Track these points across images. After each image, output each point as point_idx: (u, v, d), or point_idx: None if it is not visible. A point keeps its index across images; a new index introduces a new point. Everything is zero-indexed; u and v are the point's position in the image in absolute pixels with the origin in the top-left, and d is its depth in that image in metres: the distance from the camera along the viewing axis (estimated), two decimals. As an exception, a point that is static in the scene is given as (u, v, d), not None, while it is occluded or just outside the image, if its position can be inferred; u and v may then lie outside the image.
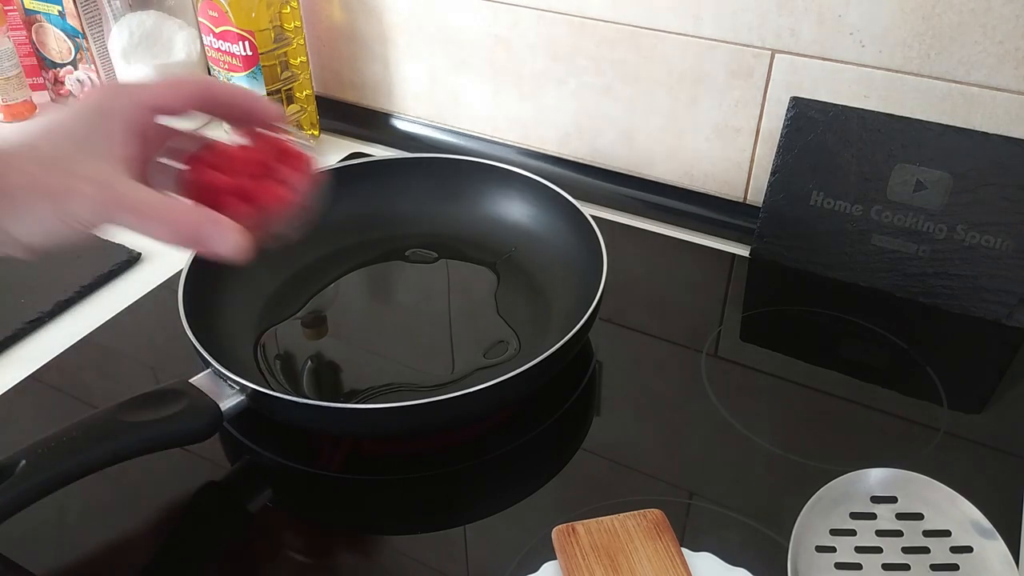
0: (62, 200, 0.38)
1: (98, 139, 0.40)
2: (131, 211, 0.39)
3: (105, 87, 0.42)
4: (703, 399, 0.57)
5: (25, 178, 0.38)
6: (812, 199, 0.66)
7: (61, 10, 0.87)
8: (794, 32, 0.65)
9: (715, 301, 0.67)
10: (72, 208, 0.38)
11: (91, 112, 0.41)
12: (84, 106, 0.41)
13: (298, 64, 0.82)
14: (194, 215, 0.41)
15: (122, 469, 0.45)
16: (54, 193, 0.38)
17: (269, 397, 0.49)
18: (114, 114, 0.41)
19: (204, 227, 0.40)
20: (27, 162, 0.39)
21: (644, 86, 0.74)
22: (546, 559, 0.45)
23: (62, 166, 0.39)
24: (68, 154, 0.39)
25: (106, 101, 0.41)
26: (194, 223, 0.40)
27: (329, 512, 0.50)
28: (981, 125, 0.62)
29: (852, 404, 0.57)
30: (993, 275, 0.62)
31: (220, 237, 0.40)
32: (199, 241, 0.40)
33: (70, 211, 0.38)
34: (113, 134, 0.40)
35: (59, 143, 0.40)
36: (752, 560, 0.44)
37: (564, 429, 0.55)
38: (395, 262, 0.68)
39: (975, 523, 0.45)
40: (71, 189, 0.38)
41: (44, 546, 0.47)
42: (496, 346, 0.60)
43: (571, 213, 0.64)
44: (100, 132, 0.40)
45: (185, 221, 0.40)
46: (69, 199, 0.38)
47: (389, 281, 0.68)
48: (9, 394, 0.57)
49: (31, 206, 0.38)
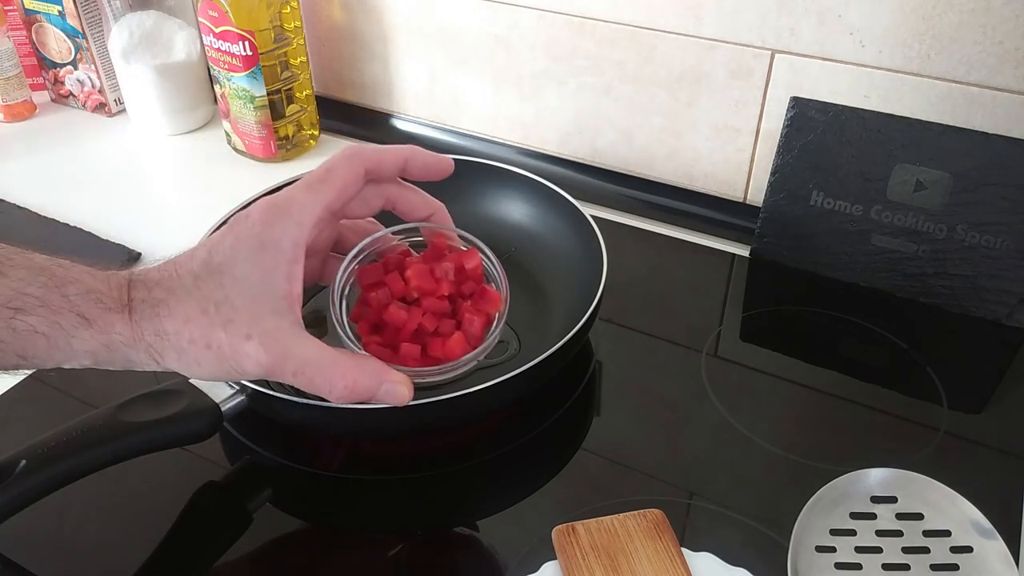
0: (230, 360, 0.38)
1: (261, 279, 0.38)
2: (300, 375, 0.39)
3: (269, 210, 0.39)
4: (703, 399, 0.57)
5: (192, 329, 0.38)
6: (812, 199, 0.66)
7: (61, 10, 0.87)
8: (794, 32, 0.65)
9: (715, 301, 0.67)
10: (241, 368, 0.38)
11: (252, 247, 0.39)
12: (243, 237, 0.39)
13: (298, 64, 0.82)
14: (365, 377, 0.39)
15: (122, 469, 0.45)
16: (223, 353, 0.38)
17: (269, 397, 0.49)
18: (275, 248, 0.39)
19: (377, 388, 0.40)
20: (192, 307, 0.38)
21: (644, 86, 0.74)
22: (546, 559, 0.45)
23: (229, 318, 0.38)
24: (233, 299, 0.38)
25: (266, 233, 0.39)
26: (366, 388, 0.39)
27: (329, 512, 0.50)
28: (981, 125, 0.62)
29: (852, 404, 0.57)
30: (993, 275, 0.62)
31: (389, 396, 0.40)
32: (373, 400, 0.40)
33: (238, 370, 0.38)
34: (277, 271, 0.39)
35: (223, 284, 0.38)
36: (752, 560, 0.44)
37: (564, 429, 0.55)
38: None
39: (975, 523, 0.45)
40: (239, 352, 0.38)
41: (44, 546, 0.47)
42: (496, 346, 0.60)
43: (571, 213, 0.64)
44: (268, 270, 0.39)
45: (355, 386, 0.39)
46: (238, 360, 0.38)
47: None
48: (9, 394, 0.57)
49: (199, 360, 0.38)
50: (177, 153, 0.89)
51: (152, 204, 0.81)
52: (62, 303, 0.37)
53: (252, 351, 0.38)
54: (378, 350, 0.43)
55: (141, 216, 0.77)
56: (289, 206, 0.40)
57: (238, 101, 0.81)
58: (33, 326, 0.37)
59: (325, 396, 0.39)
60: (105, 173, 0.85)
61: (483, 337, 0.45)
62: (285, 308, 0.39)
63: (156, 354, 0.39)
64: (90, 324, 0.38)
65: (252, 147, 0.84)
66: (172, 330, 0.38)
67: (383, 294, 0.44)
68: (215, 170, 0.85)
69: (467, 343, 0.44)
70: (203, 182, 0.84)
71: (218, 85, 0.83)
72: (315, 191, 0.40)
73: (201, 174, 0.86)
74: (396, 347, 0.44)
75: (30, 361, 0.38)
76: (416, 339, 0.44)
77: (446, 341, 0.44)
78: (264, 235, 0.39)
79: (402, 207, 0.45)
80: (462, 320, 0.44)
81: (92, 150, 0.89)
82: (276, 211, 0.39)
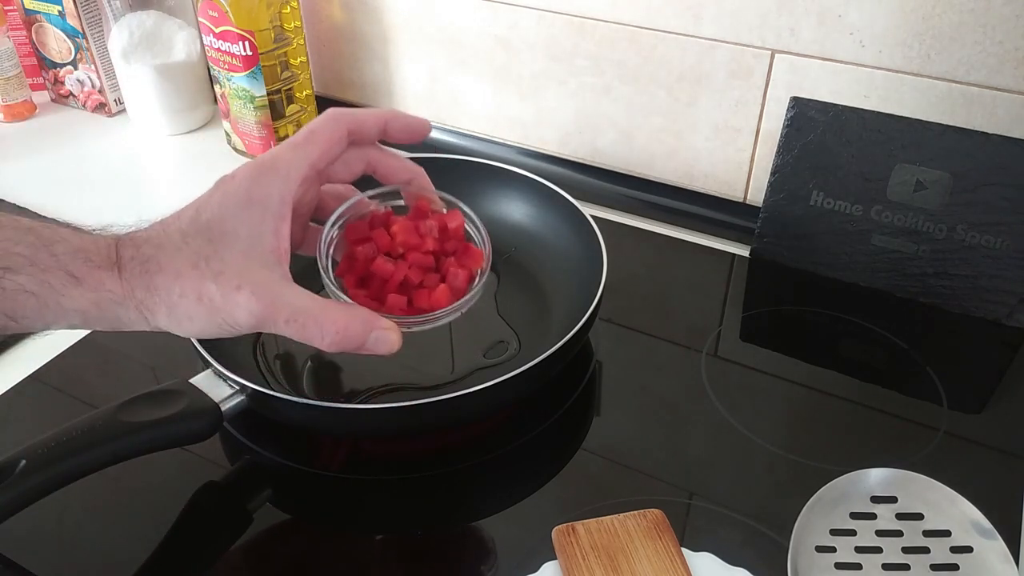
0: (221, 311, 0.38)
1: (254, 233, 0.39)
2: (291, 322, 0.39)
3: (255, 170, 0.40)
4: (703, 399, 0.57)
5: (183, 283, 0.38)
6: (812, 199, 0.66)
7: (61, 10, 0.87)
8: (794, 32, 0.65)
9: (715, 301, 0.67)
10: (232, 319, 0.38)
11: (243, 203, 0.40)
12: (230, 193, 0.40)
13: (298, 64, 0.82)
14: (356, 323, 0.40)
15: (122, 469, 0.45)
16: (214, 304, 0.38)
17: (269, 397, 0.49)
18: (268, 203, 0.40)
19: (367, 335, 0.40)
20: (182, 262, 0.38)
21: (644, 86, 0.74)
22: (546, 559, 0.45)
23: (219, 271, 0.38)
24: (222, 254, 0.38)
25: (254, 188, 0.40)
26: (356, 334, 0.40)
27: (329, 512, 0.50)
28: (981, 125, 0.62)
29: (852, 404, 0.57)
30: (993, 275, 0.62)
31: (379, 344, 0.40)
32: (362, 347, 0.40)
33: (229, 321, 0.38)
34: (269, 225, 0.39)
35: (215, 239, 0.39)
36: (752, 560, 0.44)
37: (564, 429, 0.55)
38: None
39: (975, 523, 0.45)
40: (230, 301, 0.38)
41: (44, 546, 0.47)
42: (496, 346, 0.60)
43: (571, 213, 0.64)
44: (256, 225, 0.39)
45: (346, 332, 0.39)
46: (229, 311, 0.38)
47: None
48: (9, 394, 0.57)
49: (189, 314, 0.38)
50: (177, 153, 0.89)
51: (152, 204, 0.80)
52: (51, 261, 0.37)
53: (243, 300, 0.38)
54: (366, 302, 0.44)
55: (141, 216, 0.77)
56: (275, 163, 0.41)
57: (238, 101, 0.81)
58: (22, 285, 0.37)
59: (316, 343, 0.39)
60: (105, 173, 0.85)
61: (467, 290, 0.45)
62: (274, 262, 0.39)
63: (146, 311, 0.39)
64: (79, 282, 0.37)
65: (252, 147, 0.84)
66: (162, 285, 0.38)
67: (369, 248, 0.45)
68: (215, 170, 0.83)
69: (452, 295, 0.45)
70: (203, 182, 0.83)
71: (218, 85, 0.83)
72: (300, 149, 0.41)
73: (201, 174, 0.85)
74: (383, 299, 0.44)
75: (20, 323, 0.38)
76: (402, 291, 0.45)
77: (432, 293, 0.44)
78: (251, 191, 0.40)
79: (383, 170, 0.46)
80: (446, 274, 0.45)
81: (92, 150, 0.89)
82: (262, 168, 0.40)
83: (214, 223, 0.39)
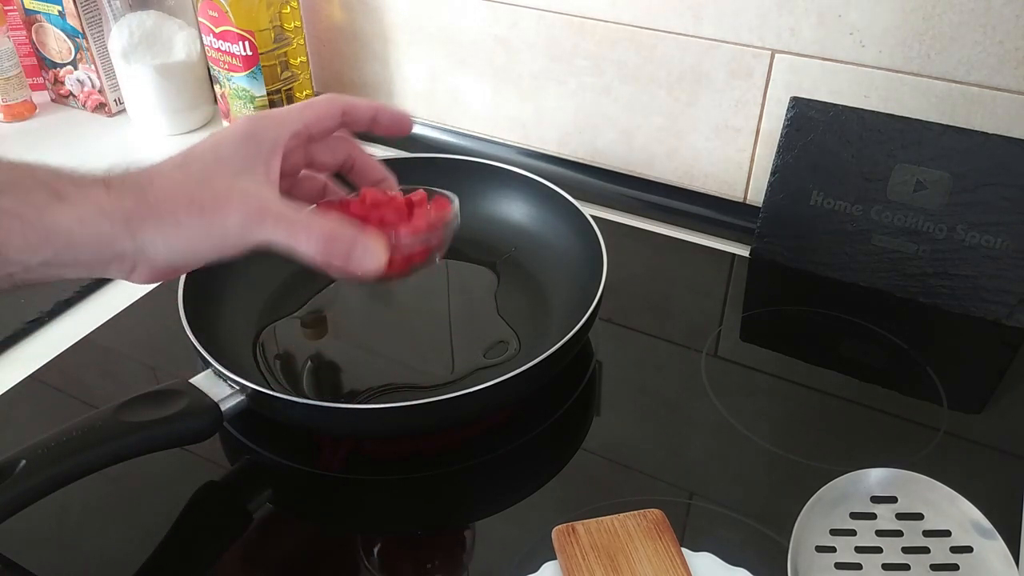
0: (212, 213, 0.38)
1: (247, 162, 0.41)
2: (282, 224, 0.39)
3: (252, 116, 0.43)
4: (703, 399, 0.57)
5: (175, 191, 0.38)
6: (812, 199, 0.66)
7: (61, 10, 0.87)
8: (794, 32, 0.65)
9: (715, 301, 0.67)
10: (222, 221, 0.38)
11: (240, 136, 0.41)
12: (232, 131, 0.42)
13: (298, 64, 0.82)
14: (344, 232, 0.41)
15: (122, 469, 0.45)
16: (204, 207, 0.38)
17: (269, 397, 0.49)
18: (262, 138, 0.41)
19: (354, 241, 0.40)
20: (177, 180, 0.39)
21: (644, 86, 0.74)
22: (546, 559, 0.45)
23: (214, 183, 0.39)
24: (218, 173, 0.40)
25: (254, 127, 0.42)
26: (344, 242, 0.40)
27: (329, 512, 0.50)
28: (981, 125, 0.62)
29: (852, 404, 0.57)
30: (993, 275, 0.62)
31: (369, 253, 0.41)
32: (349, 256, 0.40)
33: (219, 224, 0.38)
34: (262, 157, 0.41)
35: (209, 164, 0.40)
36: (752, 560, 0.44)
37: (564, 429, 0.55)
38: (395, 262, 0.68)
39: (975, 523, 0.45)
40: (222, 203, 0.38)
41: (44, 546, 0.47)
42: (496, 346, 0.60)
43: (571, 213, 0.64)
44: (249, 155, 0.41)
45: (334, 237, 0.40)
46: (219, 212, 0.38)
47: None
48: (9, 394, 0.57)
49: (178, 219, 0.38)
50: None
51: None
52: (33, 183, 0.37)
53: (234, 203, 0.39)
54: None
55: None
56: (272, 113, 0.43)
57: (238, 101, 0.81)
58: (5, 208, 0.36)
59: (303, 248, 0.39)
60: (105, 173, 0.85)
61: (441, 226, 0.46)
62: (265, 182, 0.41)
63: (134, 223, 0.38)
64: (64, 199, 0.37)
65: (252, 147, 0.84)
66: (152, 192, 0.38)
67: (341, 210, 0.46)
68: (215, 170, 0.85)
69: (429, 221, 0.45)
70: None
71: (218, 85, 0.83)
72: (296, 111, 0.44)
73: (201, 174, 0.85)
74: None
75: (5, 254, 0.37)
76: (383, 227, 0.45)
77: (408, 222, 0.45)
78: (246, 130, 0.42)
79: (360, 166, 0.48)
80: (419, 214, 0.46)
81: (92, 150, 0.89)
82: (258, 116, 0.43)
83: (208, 153, 0.41)
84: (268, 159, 0.41)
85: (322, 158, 0.47)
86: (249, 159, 0.41)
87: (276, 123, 0.42)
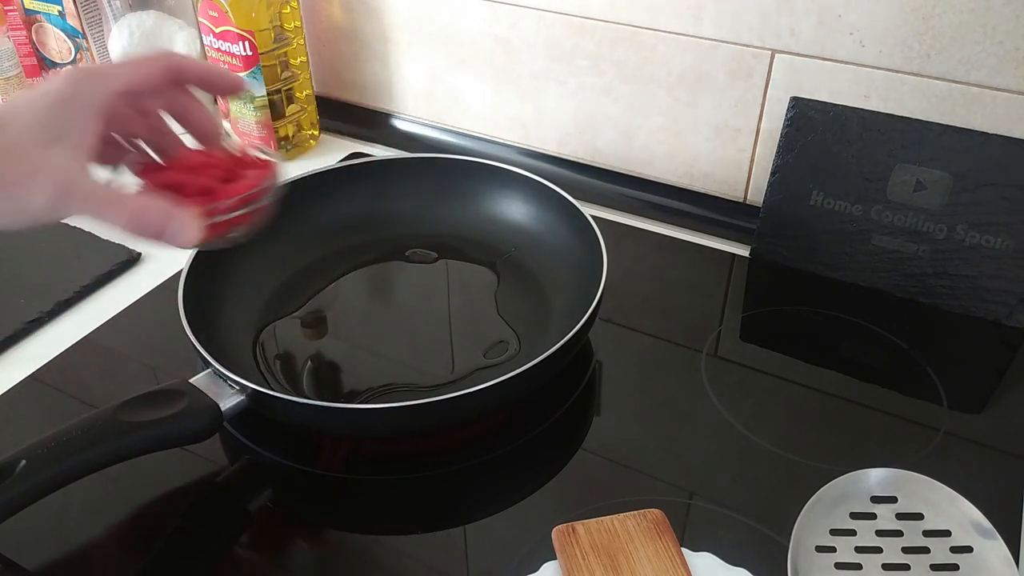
0: (17, 191, 0.38)
1: (63, 127, 0.40)
2: (91, 202, 0.39)
3: (72, 72, 0.41)
4: (703, 399, 0.57)
5: None
6: (812, 199, 0.66)
7: (61, 10, 0.87)
8: (794, 32, 0.65)
9: (715, 301, 0.67)
10: (28, 199, 0.38)
11: (57, 99, 0.40)
12: (49, 91, 0.41)
13: (298, 64, 0.82)
14: (154, 209, 0.41)
15: (122, 469, 0.45)
16: (10, 184, 0.38)
17: (269, 397, 0.49)
18: (80, 101, 0.41)
19: (168, 217, 0.40)
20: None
21: (644, 86, 0.74)
22: (546, 559, 0.45)
23: (23, 156, 0.39)
24: (31, 143, 0.39)
25: (72, 87, 0.41)
26: (155, 218, 0.40)
27: (329, 512, 0.50)
28: (981, 125, 0.62)
29: (852, 404, 0.57)
30: (993, 275, 0.62)
31: (184, 228, 0.41)
32: (162, 232, 0.41)
33: (24, 200, 0.38)
34: (78, 122, 0.40)
35: (23, 131, 0.39)
36: (752, 560, 0.44)
37: (564, 429, 0.55)
38: (395, 262, 0.68)
39: (975, 523, 0.45)
40: (28, 181, 0.38)
41: (44, 546, 0.47)
42: (496, 346, 0.60)
43: (571, 213, 0.64)
44: (65, 120, 0.40)
45: (144, 214, 0.40)
46: (25, 191, 0.38)
47: (389, 281, 0.68)
48: (9, 394, 0.57)
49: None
50: (177, 153, 0.89)
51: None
52: None
53: (40, 181, 0.38)
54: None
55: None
56: (97, 69, 0.42)
57: (238, 101, 0.81)
58: None
59: (113, 222, 0.40)
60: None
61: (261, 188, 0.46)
62: (86, 156, 0.40)
63: None
64: None
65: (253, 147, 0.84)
66: None
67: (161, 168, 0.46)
68: (215, 170, 0.85)
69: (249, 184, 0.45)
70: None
71: (218, 85, 0.83)
72: (120, 69, 0.43)
73: (201, 174, 0.85)
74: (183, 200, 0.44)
75: None
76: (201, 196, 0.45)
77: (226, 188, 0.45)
78: (65, 92, 0.40)
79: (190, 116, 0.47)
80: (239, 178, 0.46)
81: (92, 150, 0.88)
82: (81, 74, 0.41)
83: (24, 115, 0.40)
84: (84, 124, 0.40)
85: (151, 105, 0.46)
86: (65, 124, 0.40)
87: (98, 82, 0.41)
